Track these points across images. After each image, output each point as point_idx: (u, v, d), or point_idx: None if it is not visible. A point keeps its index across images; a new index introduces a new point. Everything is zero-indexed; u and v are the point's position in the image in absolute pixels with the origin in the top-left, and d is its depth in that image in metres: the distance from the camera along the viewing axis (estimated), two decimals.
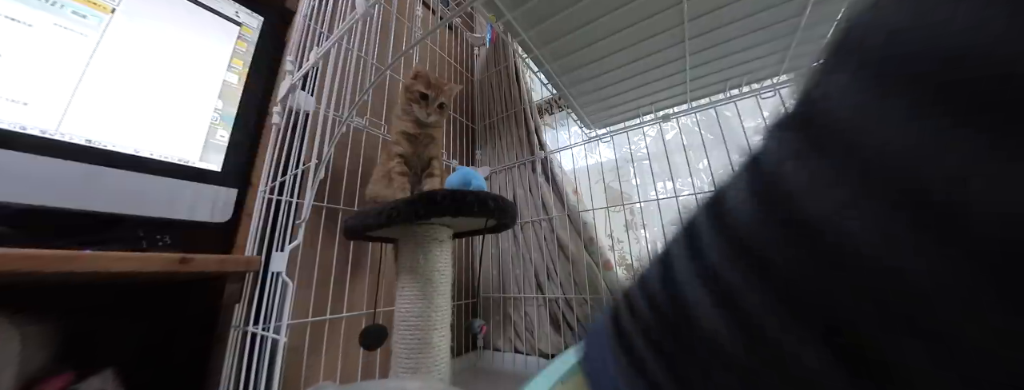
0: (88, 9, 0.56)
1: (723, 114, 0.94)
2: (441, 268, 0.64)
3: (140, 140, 0.59)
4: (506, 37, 0.84)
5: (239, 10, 0.74)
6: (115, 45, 0.58)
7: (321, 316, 0.73)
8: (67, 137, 0.52)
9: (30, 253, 0.39)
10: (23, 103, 0.50)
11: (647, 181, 1.14)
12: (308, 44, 0.77)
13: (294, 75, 0.72)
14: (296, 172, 0.67)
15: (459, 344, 1.09)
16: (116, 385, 0.51)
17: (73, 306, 0.55)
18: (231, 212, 0.67)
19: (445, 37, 1.45)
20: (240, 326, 0.64)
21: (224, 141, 0.69)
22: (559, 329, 1.03)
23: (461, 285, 1.17)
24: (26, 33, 0.51)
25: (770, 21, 0.69)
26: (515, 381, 0.57)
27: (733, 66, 0.84)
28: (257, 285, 0.65)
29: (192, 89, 0.67)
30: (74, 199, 0.51)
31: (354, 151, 0.90)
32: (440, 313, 0.62)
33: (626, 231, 1.18)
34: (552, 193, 1.15)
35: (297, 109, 0.74)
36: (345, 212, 0.83)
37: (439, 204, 0.55)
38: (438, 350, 0.60)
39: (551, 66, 0.87)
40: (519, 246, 1.18)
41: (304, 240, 0.62)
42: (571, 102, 1.02)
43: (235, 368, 0.61)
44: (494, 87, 1.43)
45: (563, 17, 0.73)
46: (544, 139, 1.25)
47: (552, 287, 1.06)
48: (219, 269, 0.56)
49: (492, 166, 1.34)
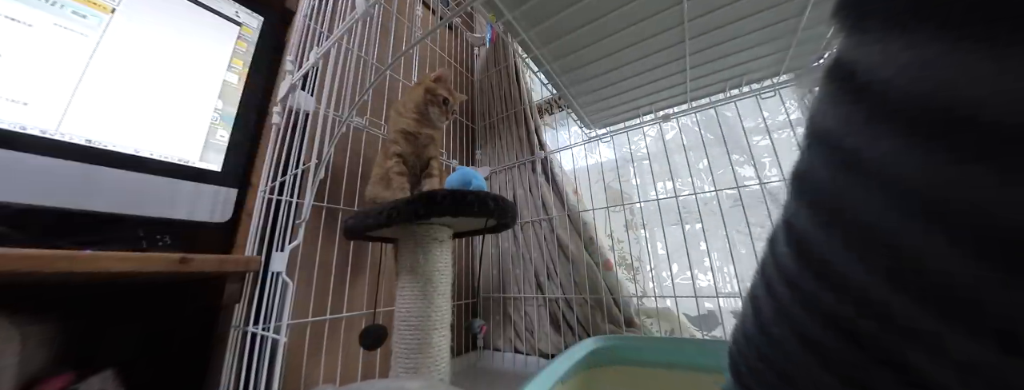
0: (88, 9, 0.56)
1: (723, 114, 0.94)
2: (441, 268, 0.64)
3: (140, 140, 0.59)
4: (506, 37, 0.84)
5: (239, 10, 0.74)
6: (115, 45, 0.58)
7: (321, 316, 0.73)
8: (67, 137, 0.52)
9: (30, 253, 0.39)
10: (23, 103, 0.50)
11: (647, 181, 1.14)
12: (308, 44, 0.77)
13: (294, 75, 0.72)
14: (296, 172, 0.67)
15: (459, 344, 1.09)
16: (116, 385, 0.51)
17: (73, 306, 0.55)
18: (231, 212, 0.67)
19: (445, 37, 1.45)
20: (240, 326, 0.64)
21: (224, 141, 0.69)
22: (559, 329, 1.03)
23: (461, 285, 1.17)
24: (26, 33, 0.51)
25: (770, 21, 0.69)
26: (515, 381, 0.57)
27: (733, 66, 0.84)
28: (257, 285, 0.65)
29: (192, 89, 0.67)
30: (74, 199, 0.51)
31: (354, 151, 0.90)
32: (440, 313, 0.62)
33: (626, 231, 1.18)
34: (552, 193, 1.15)
35: (297, 109, 0.74)
36: (345, 212, 0.83)
37: (439, 204, 0.55)
38: (438, 350, 0.60)
39: (551, 66, 0.87)
40: (519, 246, 1.18)
41: (304, 240, 0.62)
42: (571, 102, 1.02)
43: (235, 368, 0.61)
44: (494, 87, 1.43)
45: (563, 17, 0.73)
46: (544, 139, 1.25)
47: (552, 287, 1.06)
48: (219, 269, 0.56)
49: (492, 166, 1.34)
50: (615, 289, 0.98)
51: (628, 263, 1.13)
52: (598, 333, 0.90)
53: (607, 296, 0.96)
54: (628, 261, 1.13)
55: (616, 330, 0.92)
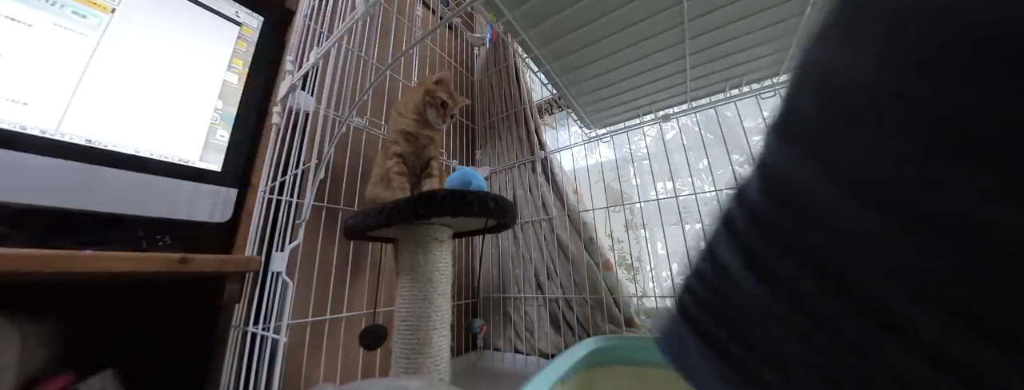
0: (88, 9, 0.56)
1: (723, 114, 0.94)
2: (441, 268, 0.64)
3: (140, 140, 0.59)
4: (506, 37, 0.84)
5: (239, 10, 0.74)
6: (115, 45, 0.58)
7: (321, 316, 0.73)
8: (67, 137, 0.52)
9: (30, 253, 0.39)
10: (23, 103, 0.50)
11: (647, 181, 1.14)
12: (308, 44, 0.77)
13: (294, 75, 0.72)
14: (296, 172, 0.67)
15: (459, 344, 1.09)
16: (116, 385, 0.51)
17: (73, 306, 0.55)
18: (231, 212, 0.67)
19: (445, 37, 1.45)
20: (240, 326, 0.64)
21: (224, 141, 0.69)
22: (559, 329, 1.03)
23: (461, 285, 1.17)
24: (26, 33, 0.51)
25: (770, 21, 0.69)
26: (515, 381, 0.57)
27: (733, 66, 0.84)
28: (257, 285, 0.65)
29: (192, 89, 0.67)
30: (74, 199, 0.51)
31: (354, 151, 0.90)
32: (440, 313, 0.62)
33: (626, 231, 1.18)
34: (552, 193, 1.15)
35: (297, 109, 0.74)
36: (345, 212, 0.83)
37: (439, 204, 0.55)
38: (438, 350, 0.60)
39: (551, 66, 0.87)
40: (519, 246, 1.18)
41: (304, 240, 0.62)
42: (571, 102, 1.02)
43: (235, 368, 0.61)
44: (494, 87, 1.43)
45: (563, 17, 0.73)
46: (544, 139, 1.25)
47: (552, 287, 1.06)
48: (219, 269, 0.56)
49: (492, 166, 1.34)
50: (615, 289, 0.98)
51: (628, 263, 1.13)
52: (598, 333, 0.90)
53: (607, 296, 0.96)
54: (628, 261, 1.13)
55: (616, 330, 0.92)
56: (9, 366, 0.42)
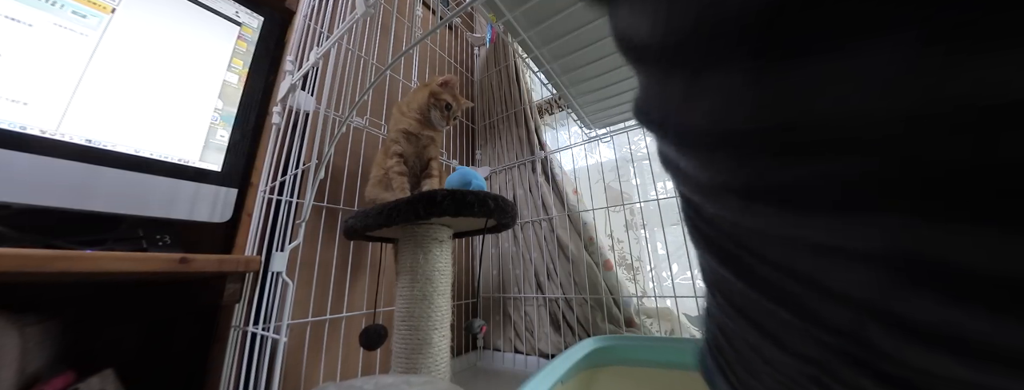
0: (88, 9, 0.56)
1: None
2: (441, 268, 0.64)
3: (140, 140, 0.59)
4: (506, 37, 0.84)
5: (239, 10, 0.74)
6: (115, 45, 0.58)
7: (321, 316, 0.73)
8: (67, 137, 0.52)
9: (30, 253, 0.39)
10: (23, 103, 0.50)
11: (647, 181, 1.14)
12: (308, 44, 0.77)
13: (294, 75, 0.72)
14: (296, 172, 0.67)
15: (459, 344, 1.09)
16: (116, 385, 0.51)
17: (73, 306, 0.55)
18: (231, 212, 0.67)
19: (445, 37, 1.45)
20: (240, 326, 0.64)
21: (224, 141, 0.69)
22: (559, 329, 1.03)
23: (461, 285, 1.17)
24: (26, 33, 0.51)
25: None
26: (515, 381, 0.57)
27: None
28: (257, 285, 0.65)
29: (192, 89, 0.67)
30: (74, 199, 0.51)
31: (354, 151, 0.90)
32: (440, 313, 0.62)
33: (626, 231, 1.18)
34: (552, 193, 1.15)
35: (297, 109, 0.74)
36: (345, 212, 0.83)
37: (439, 204, 0.55)
38: (438, 350, 0.60)
39: (551, 66, 0.87)
40: (519, 246, 1.18)
41: (304, 240, 0.62)
42: (571, 102, 1.02)
43: (235, 368, 0.61)
44: (494, 87, 1.43)
45: (563, 17, 0.73)
46: (544, 139, 1.25)
47: (552, 287, 1.06)
48: (219, 269, 0.56)
49: (492, 166, 1.34)
50: (615, 289, 0.98)
51: (628, 263, 1.13)
52: (598, 333, 0.90)
53: (607, 296, 0.96)
54: (628, 261, 1.13)
55: (616, 330, 0.92)
56: (9, 366, 0.42)
